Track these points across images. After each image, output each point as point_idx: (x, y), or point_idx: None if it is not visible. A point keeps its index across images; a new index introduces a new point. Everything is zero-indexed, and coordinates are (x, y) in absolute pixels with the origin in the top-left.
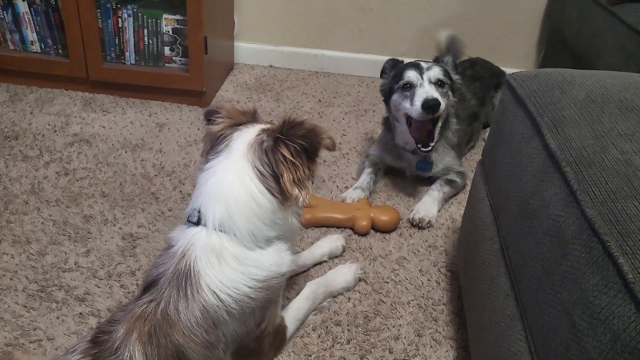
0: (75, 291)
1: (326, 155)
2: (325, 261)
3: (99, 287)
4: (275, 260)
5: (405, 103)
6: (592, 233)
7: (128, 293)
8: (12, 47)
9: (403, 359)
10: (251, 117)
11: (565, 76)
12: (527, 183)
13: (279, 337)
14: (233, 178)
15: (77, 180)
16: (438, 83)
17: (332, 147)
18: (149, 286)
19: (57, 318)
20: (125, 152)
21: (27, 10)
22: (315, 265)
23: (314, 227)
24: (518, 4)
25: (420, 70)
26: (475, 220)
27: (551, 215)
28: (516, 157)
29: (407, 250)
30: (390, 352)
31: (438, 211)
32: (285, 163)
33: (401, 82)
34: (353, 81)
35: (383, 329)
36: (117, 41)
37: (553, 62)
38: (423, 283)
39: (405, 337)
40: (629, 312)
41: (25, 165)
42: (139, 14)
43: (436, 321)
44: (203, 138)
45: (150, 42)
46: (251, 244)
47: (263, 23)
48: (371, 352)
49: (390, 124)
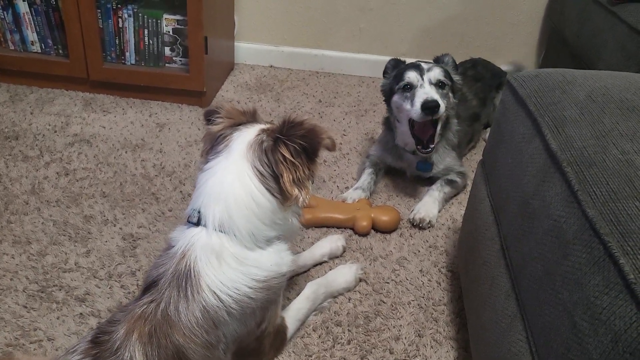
0: (75, 291)
1: (327, 155)
2: (325, 261)
3: (99, 288)
4: (275, 260)
5: (405, 104)
6: (593, 233)
7: (128, 293)
8: (13, 47)
9: None
10: (251, 117)
11: (566, 76)
12: (528, 183)
13: (280, 338)
14: (233, 178)
15: (78, 180)
16: (438, 84)
17: (332, 147)
18: (149, 287)
19: (58, 318)
20: (125, 153)
21: (28, 10)
22: (315, 265)
23: (315, 228)
24: (518, 4)
25: (420, 71)
26: (476, 220)
27: (552, 215)
28: (517, 157)
29: (408, 250)
30: (390, 353)
31: (439, 211)
32: (285, 163)
33: (401, 83)
34: (353, 81)
35: (384, 330)
36: (118, 41)
37: (553, 62)
38: (424, 283)
39: (405, 338)
40: (630, 313)
41: (25, 165)
42: (140, 14)
43: (437, 321)
44: (203, 138)
45: (150, 42)
46: (251, 244)
47: (263, 23)
48: (372, 353)
49: (390, 124)
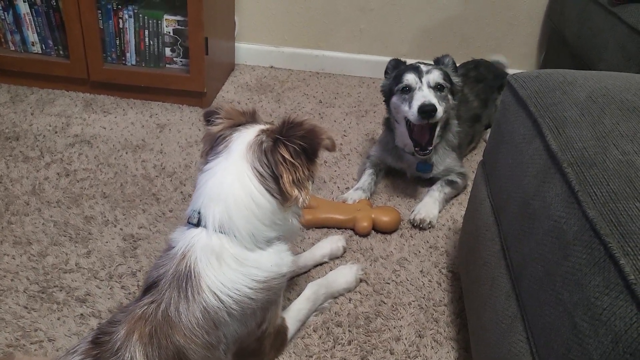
0: (76, 292)
1: (327, 156)
2: (326, 262)
3: (100, 288)
4: (275, 261)
5: (403, 106)
6: (594, 234)
7: (129, 294)
8: (13, 48)
9: None
10: (250, 118)
11: (566, 77)
12: (528, 184)
13: (280, 338)
14: (232, 179)
15: (78, 181)
16: (437, 87)
17: (332, 148)
18: (150, 287)
19: (58, 319)
20: (126, 153)
21: (28, 11)
22: (316, 266)
23: (315, 228)
24: (518, 5)
25: (419, 73)
26: (476, 221)
27: (552, 216)
28: (517, 158)
29: (408, 251)
30: (391, 353)
31: (439, 212)
32: (284, 164)
33: (400, 85)
34: (354, 82)
35: (384, 330)
36: (118, 42)
37: (554, 63)
38: (424, 284)
39: (406, 338)
40: (631, 314)
41: (26, 166)
42: (140, 15)
43: (437, 322)
44: (202, 139)
45: (151, 43)
46: (251, 245)
47: (264, 24)
48: (372, 353)
49: (391, 125)
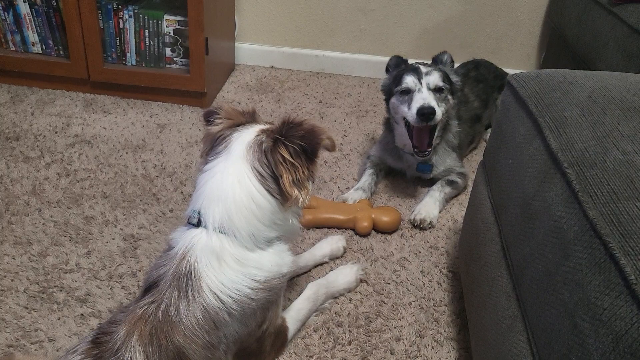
0: (76, 292)
1: (327, 156)
2: (326, 262)
3: (100, 288)
4: (275, 261)
5: (403, 107)
6: (594, 234)
7: (129, 294)
8: (13, 48)
9: None
10: (250, 118)
11: (566, 77)
12: (529, 184)
13: (280, 338)
14: (232, 179)
15: (78, 181)
16: (436, 89)
17: (332, 148)
18: (150, 287)
19: (58, 319)
20: (126, 153)
21: (29, 11)
22: (316, 266)
23: (315, 228)
24: (518, 5)
25: (419, 75)
26: (476, 221)
27: (553, 216)
28: (517, 158)
29: (409, 251)
30: (391, 353)
31: (439, 212)
32: (284, 164)
33: (399, 88)
34: (354, 82)
35: (384, 330)
36: (118, 42)
37: (554, 63)
38: (424, 284)
39: (406, 338)
40: (631, 314)
41: (26, 166)
42: (140, 15)
43: (437, 322)
44: (202, 139)
45: (151, 43)
46: (251, 245)
47: (264, 24)
48: (372, 353)
49: (391, 125)
